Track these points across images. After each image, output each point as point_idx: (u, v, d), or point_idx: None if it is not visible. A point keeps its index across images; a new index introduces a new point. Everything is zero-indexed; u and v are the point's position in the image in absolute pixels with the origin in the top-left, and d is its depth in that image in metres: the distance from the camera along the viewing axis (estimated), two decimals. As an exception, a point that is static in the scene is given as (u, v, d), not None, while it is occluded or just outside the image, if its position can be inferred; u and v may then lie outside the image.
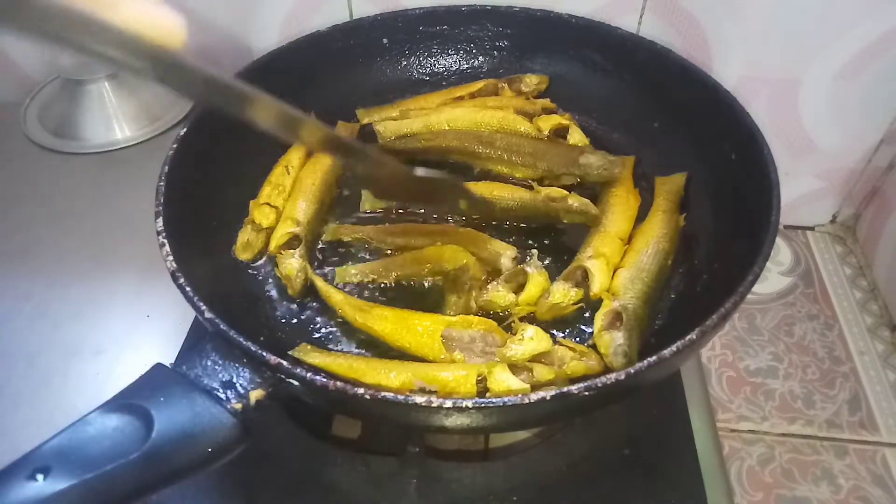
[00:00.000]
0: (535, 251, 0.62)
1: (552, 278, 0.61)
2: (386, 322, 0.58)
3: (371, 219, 0.70)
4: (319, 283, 0.62)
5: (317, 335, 0.60)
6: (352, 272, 0.64)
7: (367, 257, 0.67)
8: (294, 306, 0.63)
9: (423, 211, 0.70)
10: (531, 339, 0.54)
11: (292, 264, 0.63)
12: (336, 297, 0.61)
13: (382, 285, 0.63)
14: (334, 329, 0.61)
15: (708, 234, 0.65)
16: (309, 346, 0.57)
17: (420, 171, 0.52)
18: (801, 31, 0.71)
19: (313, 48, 0.78)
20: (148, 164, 0.70)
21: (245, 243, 0.66)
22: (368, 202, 0.71)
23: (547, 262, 0.64)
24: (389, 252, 0.66)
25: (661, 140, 0.73)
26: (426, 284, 0.63)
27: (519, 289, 0.60)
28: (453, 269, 0.61)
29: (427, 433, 0.59)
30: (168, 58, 0.31)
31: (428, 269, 0.63)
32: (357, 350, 0.59)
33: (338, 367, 0.54)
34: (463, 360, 0.55)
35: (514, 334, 0.55)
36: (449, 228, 0.66)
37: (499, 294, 0.59)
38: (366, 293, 0.63)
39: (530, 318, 0.59)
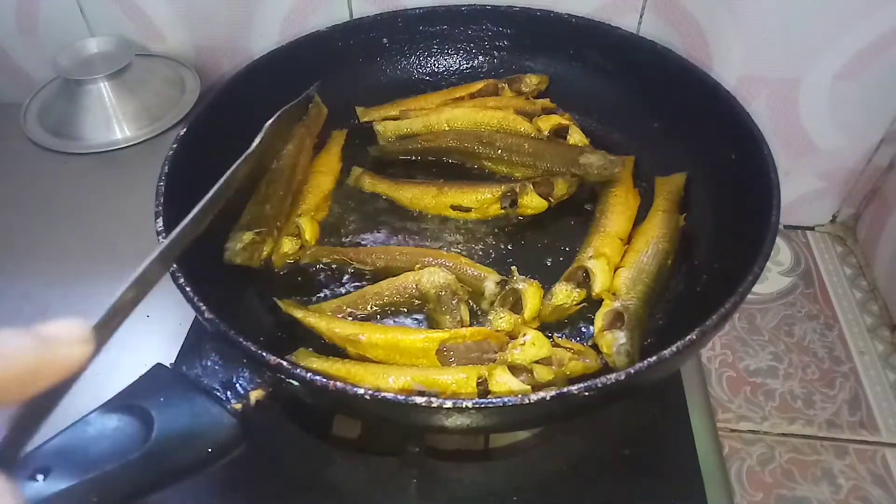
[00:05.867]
0: (514, 268, 0.61)
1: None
2: (377, 349, 0.56)
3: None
4: (300, 314, 0.60)
5: (317, 335, 0.60)
6: (326, 308, 0.61)
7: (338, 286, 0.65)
8: (294, 306, 0.63)
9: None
10: (532, 345, 0.54)
11: (289, 243, 0.65)
12: (321, 327, 0.58)
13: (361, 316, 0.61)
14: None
15: (708, 234, 0.65)
16: (307, 351, 0.56)
17: None
18: (801, 31, 0.71)
19: (313, 48, 0.77)
20: (148, 164, 0.70)
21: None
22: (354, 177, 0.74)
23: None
24: (370, 274, 0.64)
25: (661, 140, 0.73)
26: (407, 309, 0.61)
27: (515, 307, 0.59)
28: (434, 290, 0.59)
29: (427, 433, 0.59)
30: None
31: (408, 296, 0.61)
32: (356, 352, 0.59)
33: (335, 371, 0.54)
34: None
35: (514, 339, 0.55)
36: (430, 251, 0.65)
37: (502, 319, 0.58)
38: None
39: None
